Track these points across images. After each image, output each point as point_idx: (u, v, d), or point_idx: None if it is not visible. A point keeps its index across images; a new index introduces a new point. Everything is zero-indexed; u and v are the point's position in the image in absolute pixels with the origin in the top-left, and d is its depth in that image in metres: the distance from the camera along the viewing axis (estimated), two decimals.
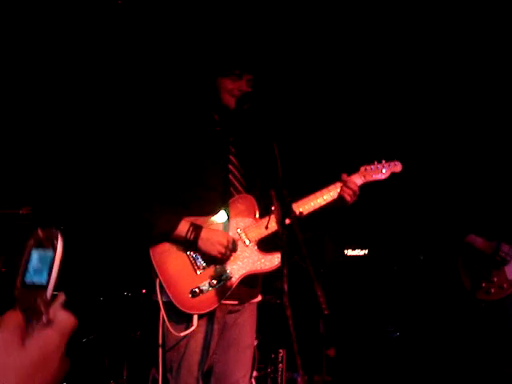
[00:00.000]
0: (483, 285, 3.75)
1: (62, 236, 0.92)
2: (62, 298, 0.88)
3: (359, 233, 5.46)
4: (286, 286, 2.10)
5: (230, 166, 2.74)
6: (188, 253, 2.58)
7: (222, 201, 2.65)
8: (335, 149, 5.27)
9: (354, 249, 5.38)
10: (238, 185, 2.73)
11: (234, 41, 2.92)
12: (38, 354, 0.78)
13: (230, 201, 2.66)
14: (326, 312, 1.98)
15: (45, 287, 0.89)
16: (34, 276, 0.89)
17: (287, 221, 2.16)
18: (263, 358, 4.45)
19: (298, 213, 2.58)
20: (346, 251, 5.39)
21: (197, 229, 2.54)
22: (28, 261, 0.90)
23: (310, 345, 4.65)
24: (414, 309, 5.14)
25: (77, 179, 4.77)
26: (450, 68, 4.98)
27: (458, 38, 4.75)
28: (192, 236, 2.52)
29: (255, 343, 4.30)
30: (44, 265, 0.90)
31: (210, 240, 2.53)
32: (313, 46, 4.84)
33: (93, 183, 4.59)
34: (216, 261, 2.57)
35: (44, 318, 0.85)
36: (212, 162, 2.70)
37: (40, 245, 0.92)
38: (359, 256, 5.36)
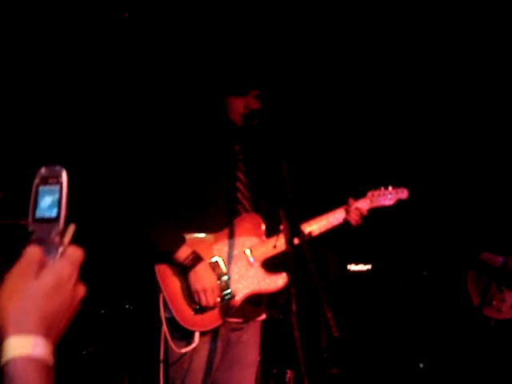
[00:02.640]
0: (494, 303, 3.74)
1: (66, 171, 0.98)
2: (72, 229, 0.97)
3: (362, 248, 5.44)
4: (294, 306, 2.09)
5: (239, 184, 2.73)
6: None
7: (228, 219, 2.64)
8: (344, 172, 5.26)
9: (357, 264, 5.36)
10: (246, 203, 2.72)
11: (237, 58, 2.91)
12: (52, 281, 0.88)
13: (237, 219, 2.65)
14: (335, 334, 1.96)
15: (56, 220, 0.96)
16: (44, 211, 0.96)
17: (296, 240, 2.15)
18: (265, 374, 4.41)
19: (306, 233, 2.57)
20: (349, 266, 5.37)
21: (196, 259, 2.53)
22: (36, 198, 0.97)
23: (312, 362, 4.61)
24: (417, 324, 5.11)
25: (83, 192, 4.76)
26: (453, 90, 4.99)
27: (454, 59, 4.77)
28: (189, 264, 2.52)
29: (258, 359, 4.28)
30: (52, 200, 0.97)
31: (199, 278, 2.51)
32: (321, 62, 4.84)
33: (99, 197, 4.58)
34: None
35: (60, 250, 0.93)
36: (220, 179, 2.69)
37: (46, 182, 0.98)
38: (362, 271, 5.34)
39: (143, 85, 4.73)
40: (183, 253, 2.52)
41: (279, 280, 2.61)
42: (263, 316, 2.82)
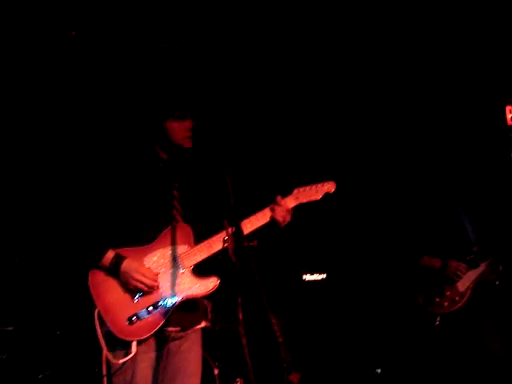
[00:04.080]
0: (437, 300, 3.95)
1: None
2: None
3: (317, 257, 5.52)
4: (240, 315, 2.15)
5: (173, 200, 2.81)
6: None
7: (159, 231, 2.72)
8: (272, 171, 5.34)
9: (312, 273, 5.44)
10: (177, 215, 2.79)
11: (177, 84, 2.99)
12: None
13: (167, 229, 2.73)
14: (279, 340, 2.02)
15: None
16: None
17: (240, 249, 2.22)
18: None
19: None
20: (304, 276, 5.45)
21: (119, 260, 2.62)
22: None
23: (272, 372, 4.65)
24: (372, 331, 5.21)
25: (28, 214, 4.73)
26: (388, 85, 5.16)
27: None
28: (113, 264, 2.61)
29: (216, 372, 4.30)
30: None
31: (128, 271, 2.61)
32: (252, 76, 4.98)
33: (39, 217, 4.56)
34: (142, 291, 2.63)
35: None
36: (154, 195, 2.77)
37: None
38: (317, 280, 5.43)
39: (83, 105, 4.77)
40: (108, 256, 2.62)
41: (210, 284, 2.68)
42: (202, 324, 2.87)
